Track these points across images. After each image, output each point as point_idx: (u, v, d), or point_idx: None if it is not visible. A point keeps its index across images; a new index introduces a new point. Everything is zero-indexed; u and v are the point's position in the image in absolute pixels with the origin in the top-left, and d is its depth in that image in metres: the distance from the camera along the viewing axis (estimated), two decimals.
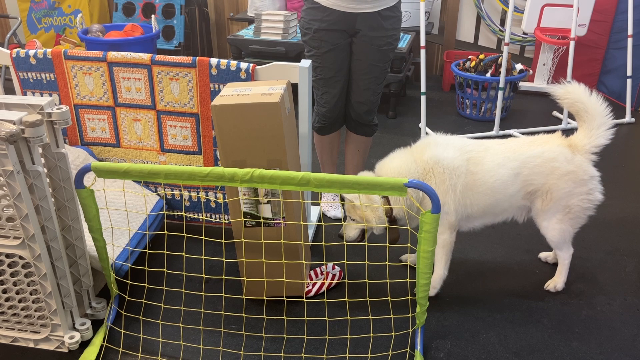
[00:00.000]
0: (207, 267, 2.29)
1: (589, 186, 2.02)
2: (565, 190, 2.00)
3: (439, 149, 2.02)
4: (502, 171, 1.99)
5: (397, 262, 2.34)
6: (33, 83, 2.35)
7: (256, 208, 1.93)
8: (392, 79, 3.81)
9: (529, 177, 2.00)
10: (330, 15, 2.26)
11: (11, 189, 1.58)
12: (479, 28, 4.79)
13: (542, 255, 2.40)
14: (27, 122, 1.53)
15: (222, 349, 1.90)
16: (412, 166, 2.01)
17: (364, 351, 1.89)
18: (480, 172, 1.99)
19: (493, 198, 2.02)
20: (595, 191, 2.04)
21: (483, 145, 2.06)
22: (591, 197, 2.03)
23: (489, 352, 1.90)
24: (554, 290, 2.19)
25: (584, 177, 2.00)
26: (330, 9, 2.25)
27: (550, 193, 2.01)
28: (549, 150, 2.01)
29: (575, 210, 2.04)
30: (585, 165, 2.01)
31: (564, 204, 2.03)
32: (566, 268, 2.18)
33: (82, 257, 1.88)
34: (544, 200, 2.04)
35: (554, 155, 2.00)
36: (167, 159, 2.40)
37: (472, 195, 2.01)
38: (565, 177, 1.99)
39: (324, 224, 2.62)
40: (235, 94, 1.83)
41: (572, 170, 1.99)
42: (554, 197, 2.01)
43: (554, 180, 1.99)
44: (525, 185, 2.02)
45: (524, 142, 2.06)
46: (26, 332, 1.90)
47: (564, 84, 2.05)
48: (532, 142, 2.05)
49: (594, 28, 4.12)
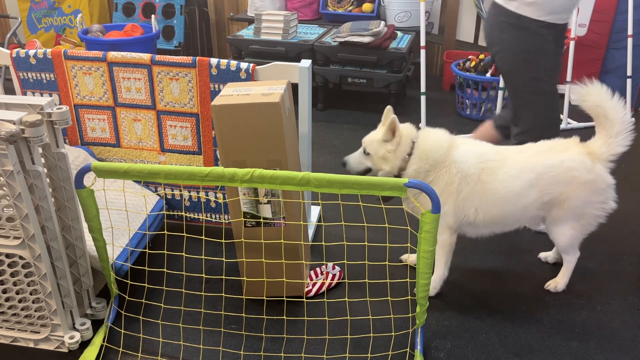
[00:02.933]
0: (207, 267, 2.29)
1: (605, 195, 1.99)
2: (583, 200, 1.97)
3: (463, 151, 1.99)
4: (516, 183, 1.95)
5: (397, 262, 2.34)
6: (33, 83, 2.35)
7: (256, 208, 1.93)
8: (392, 79, 3.81)
9: (546, 188, 1.96)
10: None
11: (11, 189, 1.58)
12: (479, 28, 4.79)
13: (542, 255, 2.39)
14: (27, 122, 1.53)
15: (222, 349, 1.90)
16: (441, 151, 1.98)
17: (364, 351, 1.89)
18: (492, 183, 1.96)
19: (503, 209, 1.99)
20: (610, 200, 2.01)
21: (502, 154, 2.01)
22: (605, 205, 2.01)
23: (489, 352, 1.90)
24: (554, 291, 2.19)
25: (603, 186, 1.97)
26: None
27: (568, 202, 1.97)
28: (569, 159, 1.96)
29: (588, 218, 2.02)
30: (605, 175, 1.98)
31: (579, 213, 2.00)
32: (570, 270, 2.17)
33: (82, 257, 1.88)
34: (560, 209, 2.00)
35: (574, 164, 1.95)
36: (167, 159, 2.40)
37: (479, 204, 1.98)
38: (584, 187, 1.95)
39: (324, 224, 2.62)
40: (235, 94, 1.83)
41: (592, 180, 1.95)
42: (570, 206, 1.98)
43: (572, 189, 1.95)
44: (541, 195, 1.97)
45: (542, 150, 2.01)
46: (26, 332, 1.90)
47: (586, 84, 1.99)
48: (550, 150, 2.00)
49: (594, 28, 4.12)
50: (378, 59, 3.78)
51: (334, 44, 3.86)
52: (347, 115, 4.03)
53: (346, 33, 3.75)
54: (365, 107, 4.20)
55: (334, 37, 3.89)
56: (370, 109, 4.15)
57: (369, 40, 3.69)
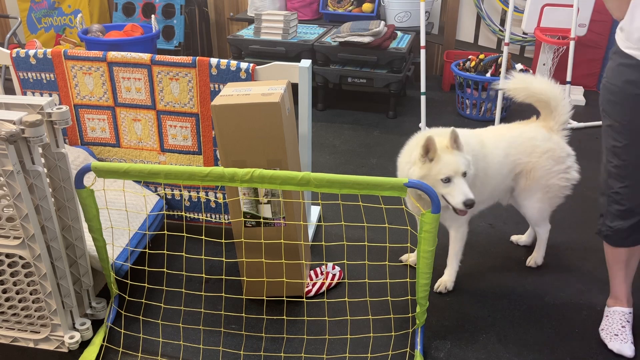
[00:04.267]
0: (207, 267, 2.29)
1: (566, 164, 2.11)
2: (546, 169, 2.08)
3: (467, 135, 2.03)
4: (499, 153, 2.06)
5: (397, 262, 2.34)
6: (33, 83, 2.35)
7: (256, 208, 1.93)
8: (392, 79, 3.81)
9: (516, 157, 2.08)
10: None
11: (11, 189, 1.58)
12: (479, 28, 4.79)
13: (513, 238, 2.49)
14: (27, 122, 1.53)
15: (222, 349, 1.90)
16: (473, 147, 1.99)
17: (364, 351, 1.89)
18: (488, 157, 2.03)
19: (494, 182, 2.08)
20: (572, 170, 2.13)
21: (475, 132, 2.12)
22: (568, 175, 2.12)
23: (489, 352, 1.90)
24: (534, 266, 2.31)
25: (562, 154, 2.10)
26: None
27: (534, 172, 2.09)
28: (528, 130, 2.12)
29: (554, 190, 2.13)
30: (562, 144, 2.12)
31: (543, 183, 2.11)
32: (544, 243, 2.30)
33: (82, 257, 1.88)
34: (527, 180, 2.12)
35: (532, 134, 2.11)
36: (167, 159, 2.40)
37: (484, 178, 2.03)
38: (545, 155, 2.08)
39: (324, 224, 2.62)
40: (235, 94, 1.83)
41: (551, 148, 2.09)
42: (535, 176, 2.09)
43: (536, 158, 2.08)
44: (514, 166, 2.09)
45: (505, 127, 2.19)
46: (26, 332, 1.89)
47: (510, 77, 2.15)
48: (511, 126, 2.18)
49: (594, 28, 4.12)
50: (378, 59, 3.78)
51: (334, 44, 3.86)
52: (347, 115, 4.03)
53: (346, 33, 3.75)
54: (365, 107, 4.20)
55: (334, 37, 3.89)
56: (370, 109, 4.15)
57: (369, 40, 3.69)
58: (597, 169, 2.02)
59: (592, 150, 2.21)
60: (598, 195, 1.85)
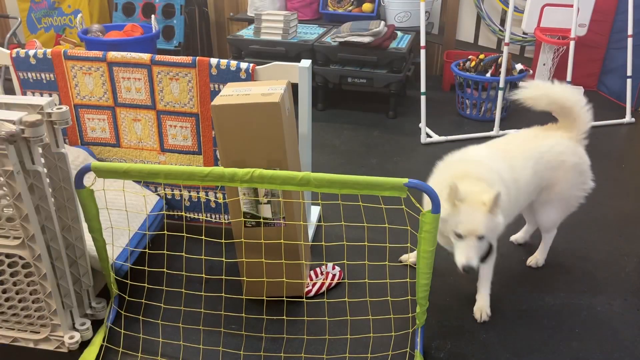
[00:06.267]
0: (207, 267, 2.29)
1: (586, 175, 2.08)
2: (570, 183, 2.04)
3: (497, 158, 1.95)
4: (527, 172, 1.97)
5: (397, 262, 2.34)
6: (33, 83, 2.35)
7: (256, 208, 1.93)
8: (392, 79, 3.81)
9: (544, 173, 2.02)
10: None
11: (11, 189, 1.57)
12: (479, 28, 4.79)
13: (512, 238, 2.48)
14: (27, 122, 1.53)
15: (222, 349, 1.90)
16: (503, 177, 1.89)
17: (364, 351, 1.89)
18: (520, 180, 1.94)
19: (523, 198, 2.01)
20: (589, 179, 2.10)
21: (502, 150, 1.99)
22: (586, 186, 2.10)
23: (489, 352, 1.90)
24: (535, 266, 2.30)
25: (585, 167, 2.06)
26: None
27: (558, 185, 2.04)
28: (557, 144, 2.02)
29: (572, 200, 2.11)
30: (585, 156, 2.07)
31: (565, 196, 2.07)
32: (548, 246, 2.29)
33: (82, 257, 1.88)
34: (549, 193, 2.07)
35: (562, 148, 2.02)
36: (167, 159, 2.40)
37: (514, 203, 1.94)
38: (572, 170, 2.03)
39: (324, 224, 2.62)
40: (235, 94, 1.83)
41: (578, 163, 2.04)
42: (558, 190, 2.05)
43: (562, 173, 2.02)
44: (541, 181, 2.03)
45: (531, 138, 2.05)
46: (26, 332, 1.89)
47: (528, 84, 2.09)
48: (537, 137, 2.05)
49: (594, 28, 4.12)
50: (378, 59, 3.77)
51: (334, 44, 3.86)
52: (347, 115, 4.03)
53: (346, 33, 3.75)
54: (365, 107, 4.20)
55: (334, 37, 3.89)
56: (370, 109, 4.15)
57: (369, 40, 3.69)
58: (597, 170, 2.03)
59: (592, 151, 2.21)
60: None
